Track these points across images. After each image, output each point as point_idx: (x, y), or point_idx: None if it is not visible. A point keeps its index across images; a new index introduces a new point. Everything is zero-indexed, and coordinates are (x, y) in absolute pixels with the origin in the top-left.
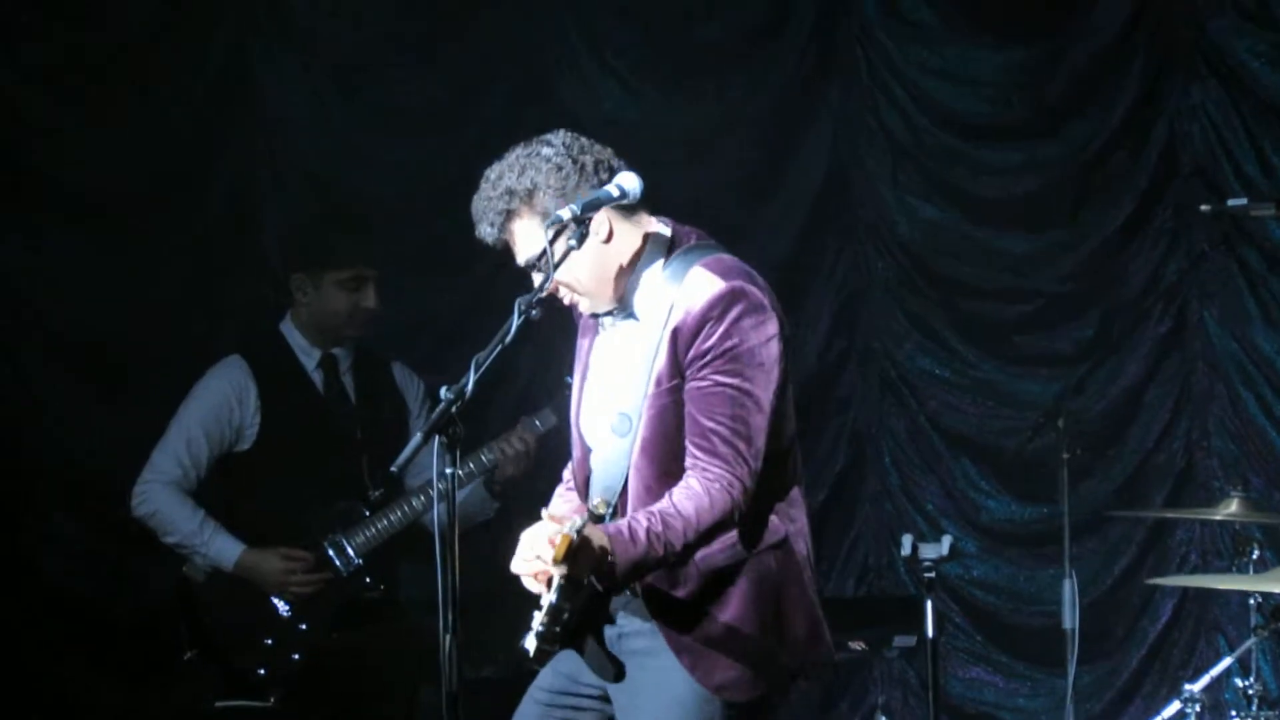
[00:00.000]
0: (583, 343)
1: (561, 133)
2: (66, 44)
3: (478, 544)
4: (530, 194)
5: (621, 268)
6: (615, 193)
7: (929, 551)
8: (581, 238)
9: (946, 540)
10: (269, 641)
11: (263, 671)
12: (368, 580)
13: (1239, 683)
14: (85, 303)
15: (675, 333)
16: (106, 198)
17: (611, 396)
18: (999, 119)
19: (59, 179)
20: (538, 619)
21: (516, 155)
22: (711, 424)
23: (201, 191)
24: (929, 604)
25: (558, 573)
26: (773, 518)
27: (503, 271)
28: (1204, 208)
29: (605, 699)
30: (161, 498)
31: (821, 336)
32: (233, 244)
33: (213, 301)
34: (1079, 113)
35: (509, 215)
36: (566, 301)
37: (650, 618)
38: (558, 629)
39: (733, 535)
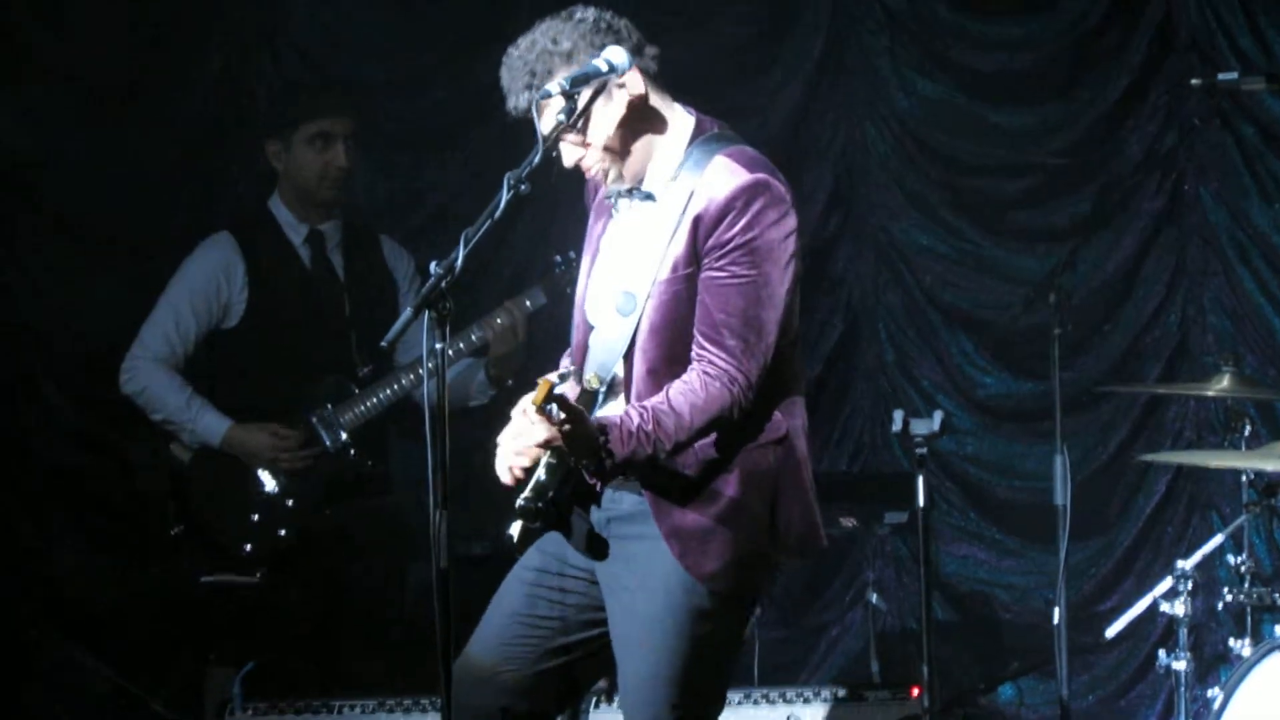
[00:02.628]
0: (595, 225)
1: (587, 5)
2: None
3: (469, 422)
4: (569, 55)
5: (650, 140)
6: (604, 67)
7: (920, 427)
8: (573, 111)
9: (938, 415)
10: (255, 518)
11: (249, 547)
12: (355, 456)
13: (1231, 559)
14: (78, 177)
15: (696, 220)
16: (98, 71)
17: (619, 276)
18: None
19: (49, 54)
20: (523, 495)
21: (548, 23)
22: (723, 315)
23: (195, 65)
24: (920, 479)
25: (539, 434)
26: (775, 413)
27: (494, 146)
28: (1194, 81)
29: (592, 580)
30: (149, 374)
31: (818, 212)
32: (227, 117)
33: (206, 177)
34: None
35: (548, 76)
36: (591, 172)
37: (641, 494)
38: (540, 505)
39: (733, 428)
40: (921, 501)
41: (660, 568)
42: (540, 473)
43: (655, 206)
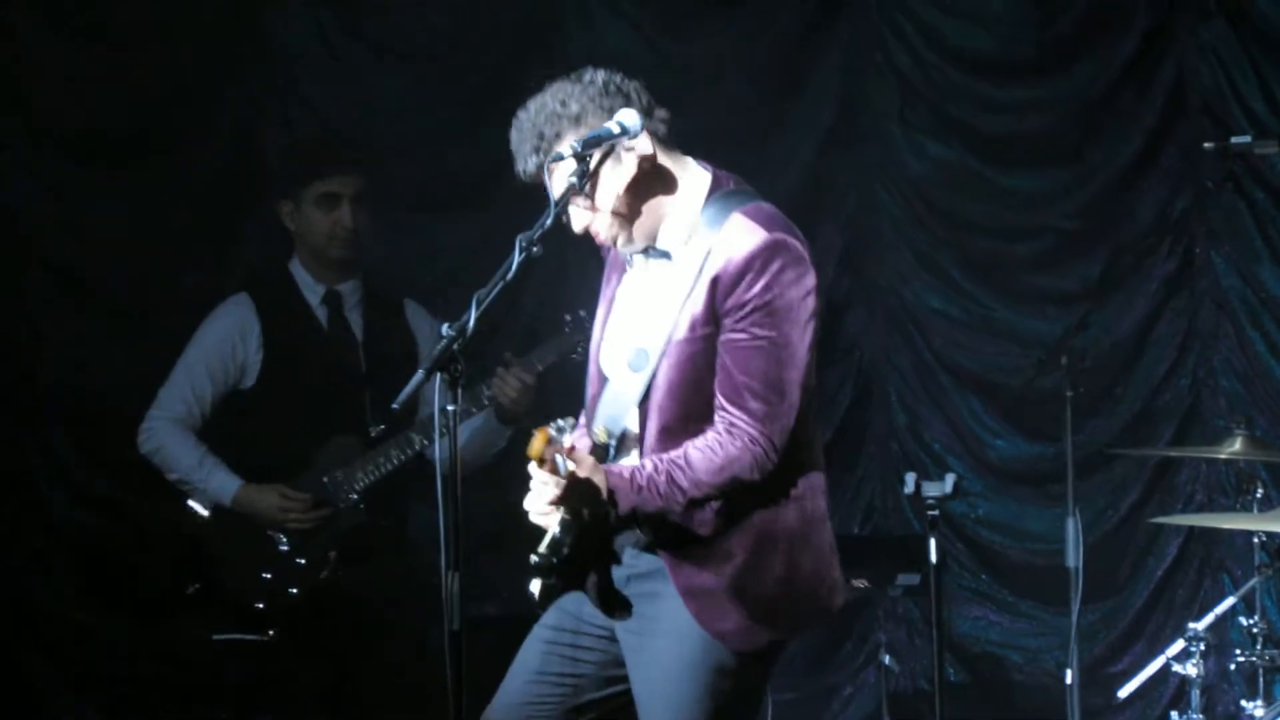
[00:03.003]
0: (610, 278)
1: (597, 68)
2: None
3: (483, 481)
4: (578, 118)
5: (660, 201)
6: (616, 129)
7: (932, 489)
8: (585, 174)
9: (950, 478)
10: (267, 576)
11: (261, 606)
12: (368, 517)
13: (1244, 621)
14: (90, 235)
15: (714, 281)
16: (110, 129)
17: (633, 333)
18: (1007, 55)
19: (61, 112)
20: (538, 551)
21: (557, 86)
22: (744, 378)
23: (208, 123)
24: (932, 542)
25: (549, 489)
26: (792, 472)
27: (507, 209)
28: (1207, 145)
29: (611, 637)
30: (165, 434)
31: (830, 274)
32: (239, 181)
33: (219, 236)
34: (1087, 49)
35: (557, 139)
36: (601, 237)
37: (659, 556)
38: (555, 561)
39: (752, 487)
40: (934, 568)
41: (679, 625)
42: (555, 529)
43: (672, 264)
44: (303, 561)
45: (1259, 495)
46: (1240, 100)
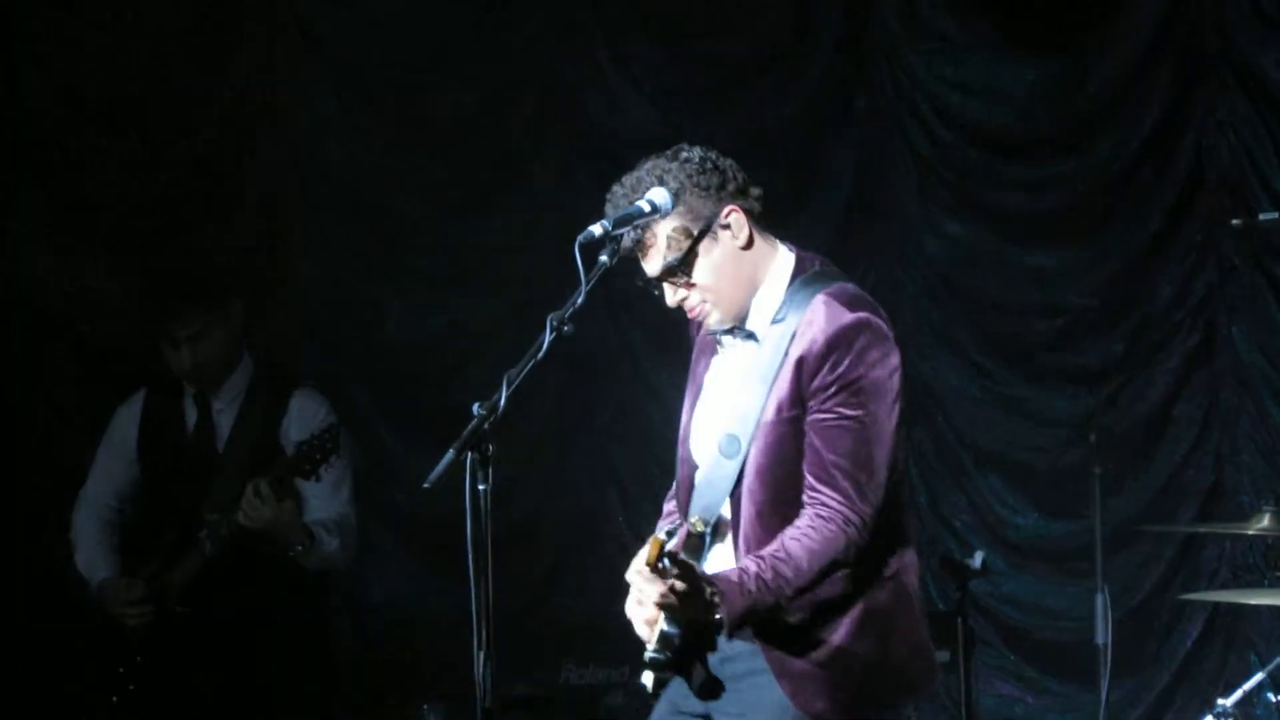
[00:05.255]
0: (699, 362)
1: (691, 145)
2: (95, 52)
3: (507, 562)
4: (676, 195)
5: (751, 280)
6: (647, 208)
7: (960, 567)
8: (684, 253)
9: (979, 555)
10: (120, 670)
11: (115, 699)
12: (183, 614)
13: (1271, 698)
14: (106, 311)
15: (800, 362)
16: (128, 208)
17: (722, 417)
18: (1025, 133)
19: (83, 190)
20: (650, 648)
21: (654, 162)
22: (833, 457)
23: (230, 198)
24: (959, 620)
25: (652, 594)
26: (883, 551)
27: (527, 284)
28: (1234, 222)
29: (706, 716)
30: (79, 522)
31: None
32: (261, 248)
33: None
34: (1105, 126)
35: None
36: (694, 312)
37: (754, 639)
38: (669, 654)
39: (845, 569)
40: (962, 646)
41: (773, 704)
42: (663, 624)
43: (758, 347)
44: (139, 659)
45: None
46: (1260, 176)
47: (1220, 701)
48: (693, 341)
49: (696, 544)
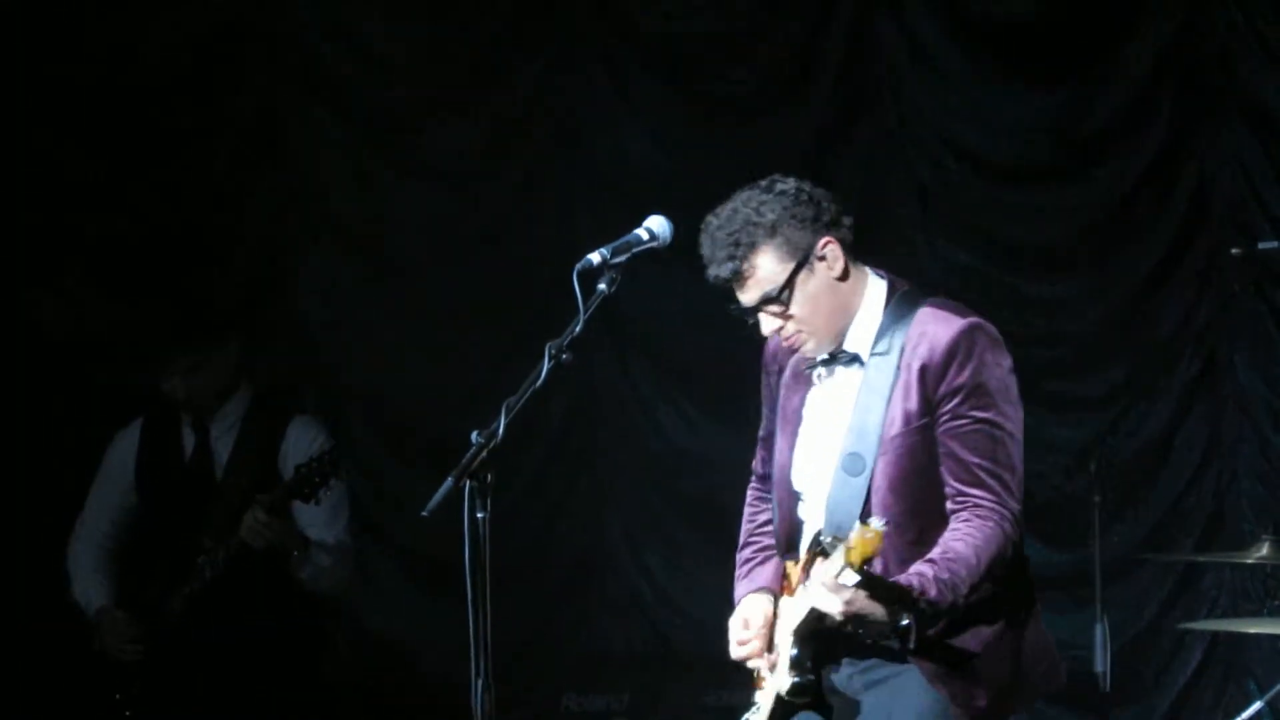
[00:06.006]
0: (791, 399)
1: (785, 176)
2: (96, 90)
3: (509, 590)
4: (774, 227)
5: (848, 305)
6: (645, 236)
7: None
8: (784, 284)
9: None
10: (117, 697)
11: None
12: (179, 649)
13: None
14: (114, 355)
15: (923, 370)
16: (133, 252)
17: (835, 441)
18: (1028, 162)
19: (85, 229)
20: (789, 677)
21: (748, 194)
22: (976, 459)
23: (234, 246)
24: None
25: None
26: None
27: (533, 319)
28: (1235, 251)
29: None
30: (75, 552)
31: None
32: (267, 298)
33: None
34: (1109, 156)
35: (753, 248)
36: (790, 341)
37: (903, 660)
38: (811, 676)
39: (1002, 565)
40: None
41: (926, 705)
42: (792, 649)
43: (863, 368)
44: (136, 690)
45: None
46: (1262, 205)
47: None
48: (771, 379)
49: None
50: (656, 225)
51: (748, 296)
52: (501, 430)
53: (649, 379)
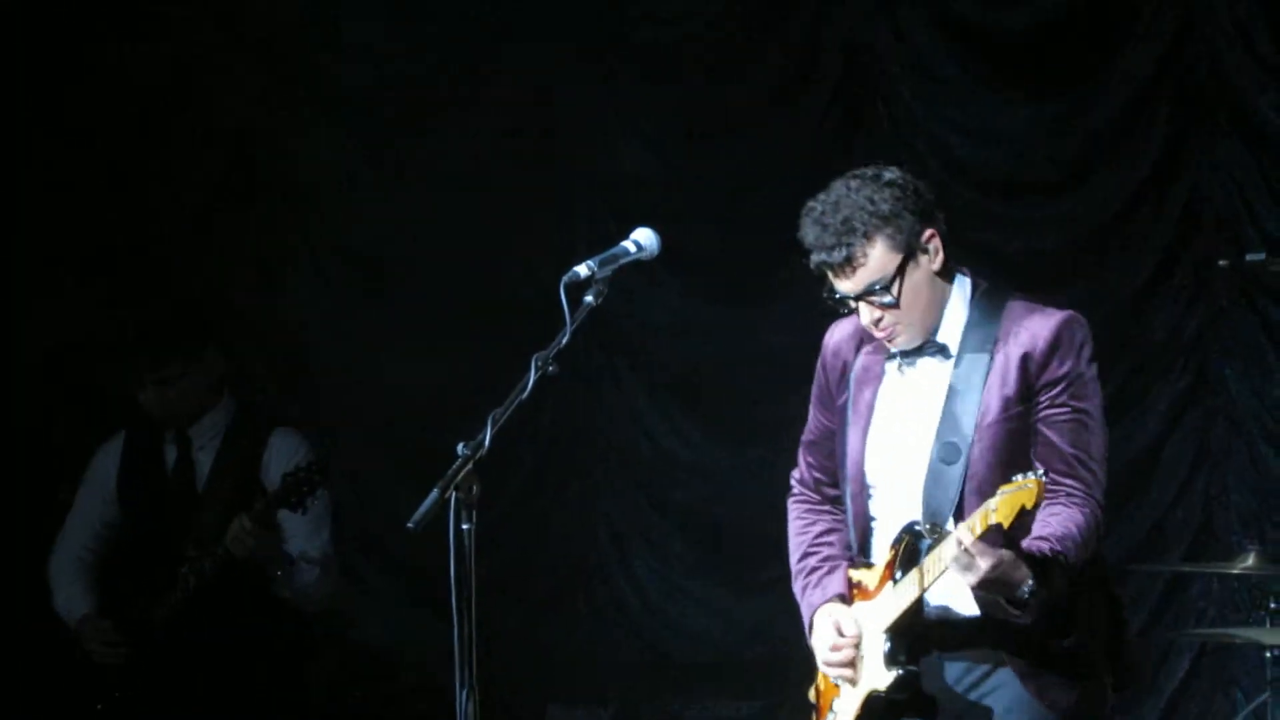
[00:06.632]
0: (862, 393)
1: (885, 166)
2: (92, 100)
3: (495, 601)
4: (888, 217)
5: (940, 298)
6: (632, 249)
7: None
8: (891, 277)
9: None
10: (99, 706)
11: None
12: (173, 645)
13: None
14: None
15: (1024, 359)
16: (128, 262)
17: (921, 432)
18: (1020, 174)
19: (81, 239)
20: (893, 670)
21: (857, 183)
22: (1072, 450)
23: (230, 254)
24: None
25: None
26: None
27: (527, 331)
28: (1221, 263)
29: None
30: (56, 564)
31: None
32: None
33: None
34: (1102, 168)
35: (867, 237)
36: (886, 332)
37: (994, 653)
38: (913, 669)
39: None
40: None
41: (1021, 706)
42: (886, 644)
43: (954, 359)
44: (117, 695)
45: (1271, 609)
46: (1254, 218)
47: None
48: (832, 376)
49: (911, 557)
50: (644, 237)
51: (851, 285)
52: (487, 442)
53: (641, 390)
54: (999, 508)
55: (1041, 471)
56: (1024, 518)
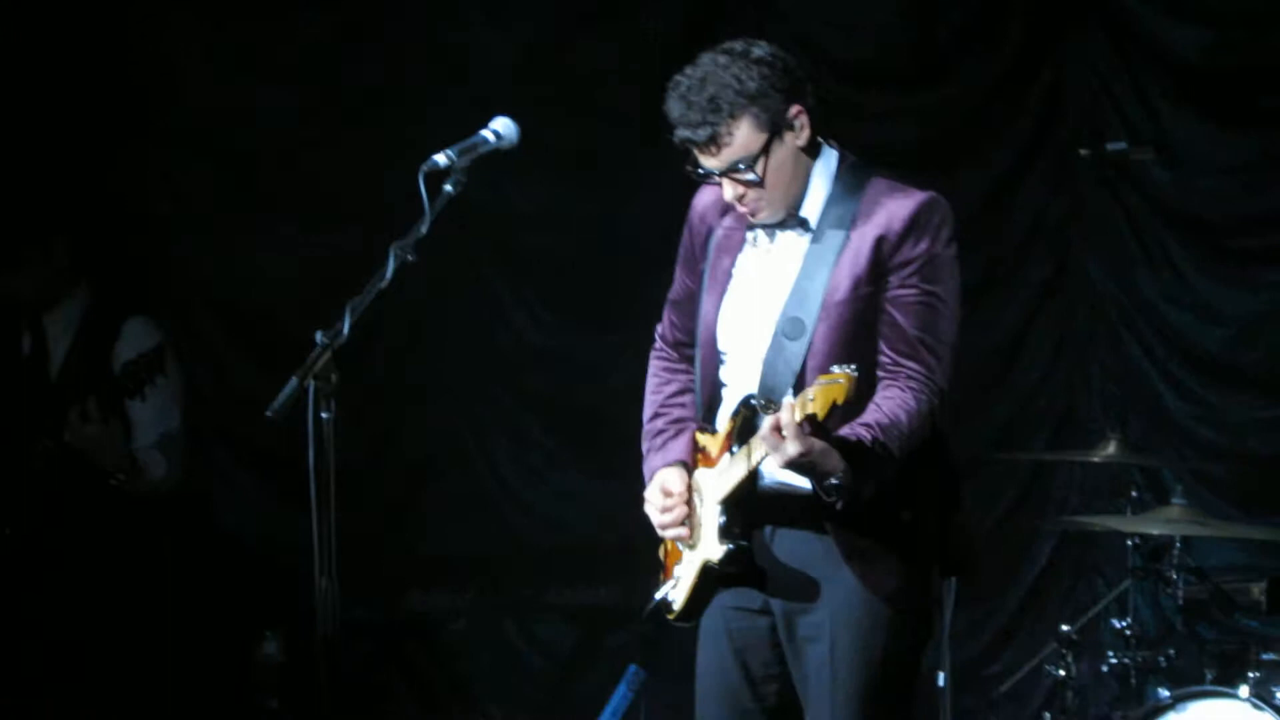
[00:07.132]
0: (721, 260)
1: (756, 40)
2: None
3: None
4: (754, 96)
5: (804, 173)
6: (491, 138)
7: None
8: (756, 154)
9: None
10: None
11: None
12: (21, 534)
13: (1116, 624)
14: None
15: (879, 240)
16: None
17: (771, 304)
18: (881, 65)
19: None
20: (722, 544)
21: (725, 59)
22: (916, 332)
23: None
24: None
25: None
26: (940, 430)
27: (380, 220)
28: (1082, 151)
29: (765, 611)
30: None
31: None
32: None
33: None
34: (962, 58)
35: (731, 116)
36: (748, 206)
37: (823, 530)
38: (744, 543)
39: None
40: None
41: (842, 588)
42: (721, 517)
43: (812, 234)
44: None
45: (1133, 498)
46: (1119, 110)
47: (1065, 628)
48: (697, 239)
49: (748, 427)
50: (502, 127)
51: (716, 162)
52: (346, 331)
53: (499, 277)
54: (816, 398)
55: (853, 367)
56: (837, 411)
